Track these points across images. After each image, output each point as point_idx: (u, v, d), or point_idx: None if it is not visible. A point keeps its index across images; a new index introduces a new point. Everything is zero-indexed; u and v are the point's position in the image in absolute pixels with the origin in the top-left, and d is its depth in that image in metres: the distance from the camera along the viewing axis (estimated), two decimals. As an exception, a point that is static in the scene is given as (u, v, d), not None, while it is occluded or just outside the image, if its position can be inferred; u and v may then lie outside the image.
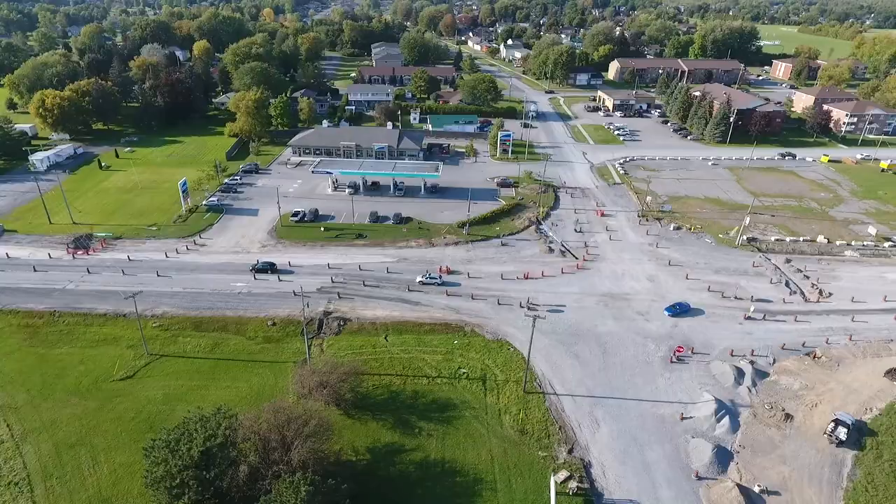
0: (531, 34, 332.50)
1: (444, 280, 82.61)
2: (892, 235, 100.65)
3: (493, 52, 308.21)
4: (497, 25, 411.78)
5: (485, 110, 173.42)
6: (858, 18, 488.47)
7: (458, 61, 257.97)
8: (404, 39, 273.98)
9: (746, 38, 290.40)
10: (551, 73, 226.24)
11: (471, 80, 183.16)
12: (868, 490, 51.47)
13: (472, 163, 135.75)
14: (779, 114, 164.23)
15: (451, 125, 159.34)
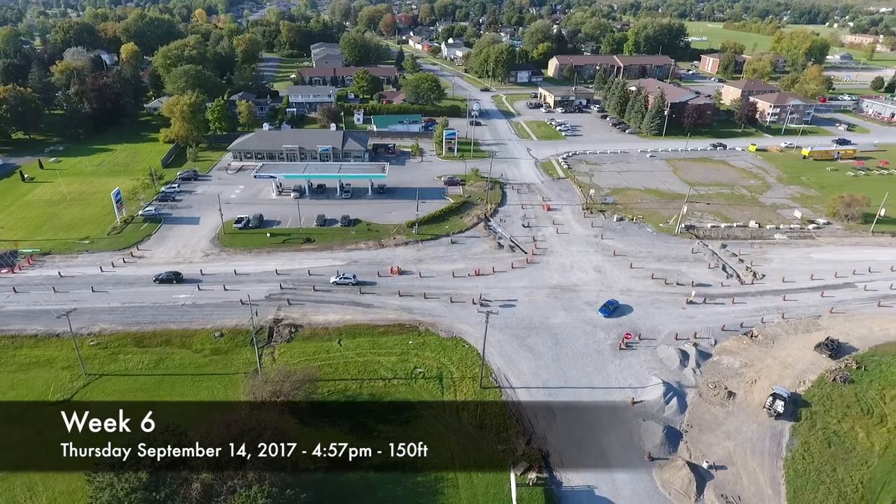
0: (471, 33, 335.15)
1: (359, 280, 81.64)
2: (815, 218, 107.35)
3: (434, 52, 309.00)
4: (437, 24, 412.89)
5: (429, 109, 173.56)
6: (777, 15, 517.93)
7: (399, 61, 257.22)
8: (344, 40, 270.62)
9: (676, 35, 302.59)
10: (492, 71, 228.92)
11: (414, 79, 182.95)
12: (805, 457, 54.77)
13: (419, 162, 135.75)
14: (709, 106, 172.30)
15: (396, 125, 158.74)
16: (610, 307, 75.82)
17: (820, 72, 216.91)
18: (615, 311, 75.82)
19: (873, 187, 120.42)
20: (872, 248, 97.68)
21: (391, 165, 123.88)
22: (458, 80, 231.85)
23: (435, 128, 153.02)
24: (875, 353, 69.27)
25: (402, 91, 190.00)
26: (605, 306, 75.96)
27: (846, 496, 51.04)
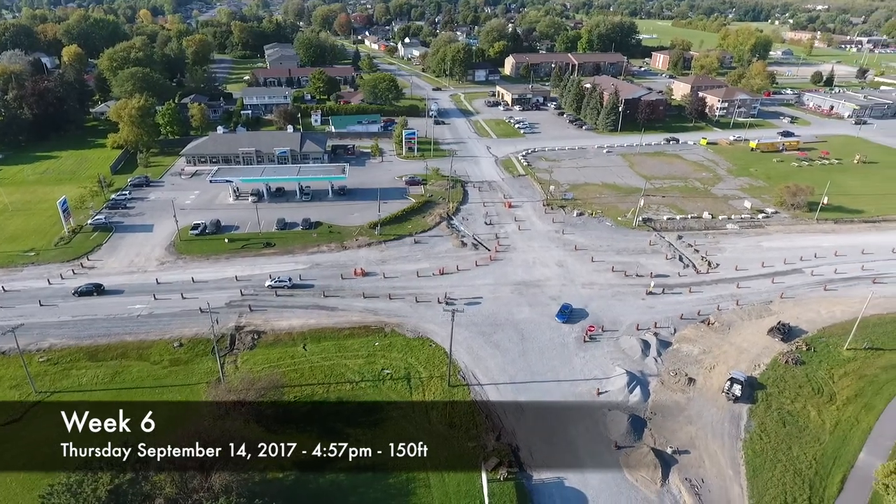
0: (428, 32, 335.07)
1: (295, 283, 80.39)
2: (764, 208, 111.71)
3: (391, 51, 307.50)
4: (393, 24, 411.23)
5: (387, 109, 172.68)
6: (722, 13, 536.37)
7: (356, 61, 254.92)
8: (298, 40, 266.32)
9: (627, 33, 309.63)
10: (450, 70, 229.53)
11: (371, 79, 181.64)
12: (762, 438, 56.96)
13: (379, 162, 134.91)
14: (661, 102, 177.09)
15: (355, 126, 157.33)
16: (566, 311, 74.36)
17: (764, 67, 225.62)
18: (572, 315, 74.50)
19: (816, 177, 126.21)
20: (817, 234, 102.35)
21: (351, 166, 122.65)
22: (416, 80, 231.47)
23: (394, 128, 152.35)
24: (823, 334, 72.63)
25: (359, 91, 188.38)
26: (561, 311, 74.35)
27: (801, 472, 53.32)
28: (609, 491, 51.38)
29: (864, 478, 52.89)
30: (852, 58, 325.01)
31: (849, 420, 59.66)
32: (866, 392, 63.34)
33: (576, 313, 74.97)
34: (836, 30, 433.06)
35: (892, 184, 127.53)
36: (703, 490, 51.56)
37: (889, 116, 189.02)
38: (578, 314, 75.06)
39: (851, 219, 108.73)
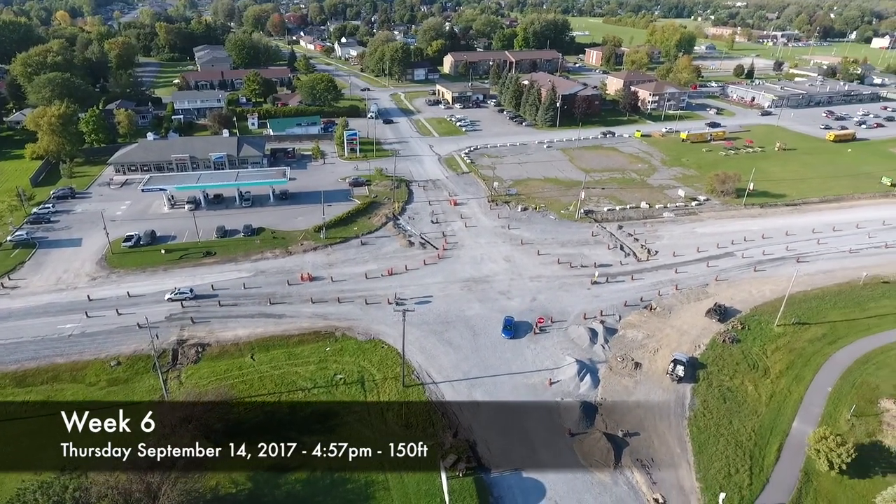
0: (364, 32, 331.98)
1: (197, 294, 77.36)
2: (696, 196, 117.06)
3: (327, 51, 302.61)
4: (329, 24, 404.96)
5: (327, 110, 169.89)
6: (649, 10, 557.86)
7: (292, 62, 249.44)
8: (230, 41, 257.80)
9: (561, 30, 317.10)
10: (389, 69, 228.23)
11: (308, 80, 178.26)
12: (705, 415, 59.71)
13: (321, 165, 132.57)
14: (597, 97, 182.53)
15: (294, 128, 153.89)
16: (510, 326, 71.38)
17: (690, 61, 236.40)
18: (517, 329, 71.82)
19: (742, 164, 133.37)
20: (745, 219, 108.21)
21: (292, 170, 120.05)
22: (355, 80, 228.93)
23: (335, 129, 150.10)
24: (755, 313, 76.89)
25: (297, 93, 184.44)
26: (506, 328, 71.21)
27: (742, 444, 56.26)
28: (565, 478, 52.54)
29: (798, 445, 56.37)
30: (769, 51, 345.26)
31: (782, 392, 63.42)
32: (796, 364, 67.54)
33: (520, 327, 72.46)
34: (754, 25, 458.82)
35: (809, 169, 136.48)
36: (653, 469, 53.54)
37: (804, 106, 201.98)
38: (523, 327, 72.65)
39: (775, 203, 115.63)
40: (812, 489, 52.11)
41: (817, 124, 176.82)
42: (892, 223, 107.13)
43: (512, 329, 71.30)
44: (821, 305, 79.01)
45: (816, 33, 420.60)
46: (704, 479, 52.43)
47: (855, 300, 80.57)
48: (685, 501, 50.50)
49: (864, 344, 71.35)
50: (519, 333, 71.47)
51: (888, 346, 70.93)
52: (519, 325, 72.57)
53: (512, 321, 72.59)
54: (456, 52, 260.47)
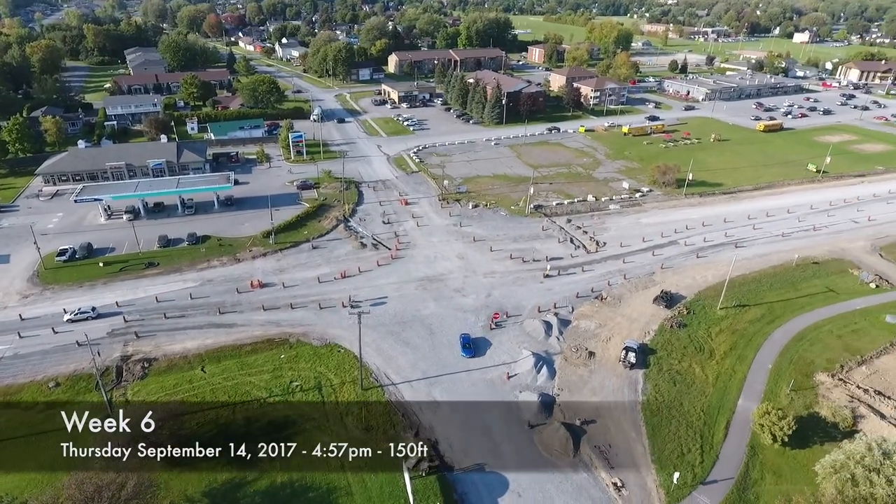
0: (306, 32, 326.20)
1: (99, 313, 73.13)
2: (640, 187, 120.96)
3: (268, 52, 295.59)
4: (268, 24, 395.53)
5: (270, 112, 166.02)
6: (587, 8, 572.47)
7: (231, 63, 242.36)
8: (164, 43, 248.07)
9: (503, 28, 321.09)
10: (333, 69, 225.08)
11: (249, 82, 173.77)
12: (657, 398, 61.81)
13: (267, 168, 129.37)
14: (541, 94, 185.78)
15: (236, 132, 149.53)
16: (468, 345, 68.33)
17: (628, 58, 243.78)
18: (475, 346, 68.90)
19: (681, 156, 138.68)
20: (686, 208, 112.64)
21: (237, 174, 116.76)
22: (299, 81, 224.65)
23: (279, 131, 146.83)
24: (699, 298, 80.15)
25: (238, 95, 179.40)
26: (465, 346, 68.18)
27: (692, 424, 58.57)
28: (527, 469, 53.27)
29: (743, 421, 59.15)
30: (701, 47, 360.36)
31: (727, 372, 66.39)
32: (739, 345, 70.85)
33: (479, 344, 69.53)
34: (685, 22, 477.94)
35: (742, 158, 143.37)
36: (611, 454, 54.99)
37: (735, 98, 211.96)
38: (482, 344, 69.69)
39: (713, 192, 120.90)
40: (758, 462, 54.79)
41: (748, 116, 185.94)
42: (818, 207, 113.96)
43: (471, 347, 68.12)
44: (758, 288, 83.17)
45: (744, 29, 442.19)
46: (659, 460, 54.28)
47: (789, 281, 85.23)
48: (642, 483, 52.14)
49: (798, 322, 75.59)
50: (479, 351, 68.44)
51: (820, 323, 75.41)
52: (478, 343, 69.61)
53: (469, 339, 69.53)
54: (400, 52, 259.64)
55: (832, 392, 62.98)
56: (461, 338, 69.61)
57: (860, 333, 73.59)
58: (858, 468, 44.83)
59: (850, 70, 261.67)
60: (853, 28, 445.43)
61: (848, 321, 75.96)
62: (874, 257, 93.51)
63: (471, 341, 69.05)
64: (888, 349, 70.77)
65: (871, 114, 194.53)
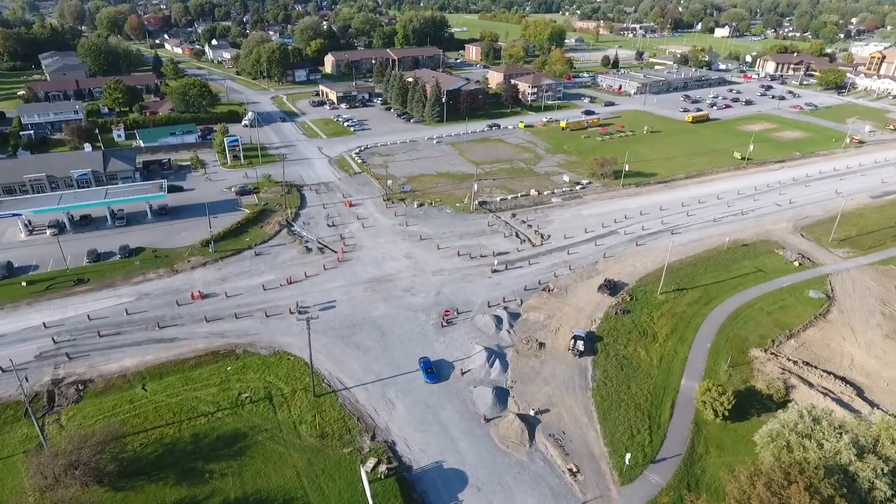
0: (237, 33, 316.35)
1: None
2: (580, 180, 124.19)
3: (198, 55, 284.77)
4: (196, 25, 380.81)
5: (203, 117, 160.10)
6: (521, 6, 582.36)
7: (158, 67, 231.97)
8: (83, 46, 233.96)
9: (439, 27, 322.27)
10: (267, 71, 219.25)
11: (179, 86, 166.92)
12: (606, 383, 63.66)
13: (202, 175, 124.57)
14: (480, 91, 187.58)
15: (167, 138, 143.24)
16: (430, 370, 64.12)
17: (562, 54, 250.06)
18: (438, 369, 64.91)
19: (617, 148, 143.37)
20: (624, 198, 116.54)
21: (171, 182, 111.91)
22: (232, 84, 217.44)
23: (214, 136, 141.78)
24: (640, 284, 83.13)
25: (167, 100, 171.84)
26: (427, 371, 63.92)
27: (640, 406, 60.68)
28: (485, 463, 53.74)
29: (687, 399, 61.81)
30: (630, 42, 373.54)
31: (670, 353, 69.19)
32: (679, 327, 73.96)
33: (441, 367, 65.43)
34: (614, 19, 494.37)
35: (673, 149, 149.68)
36: (565, 441, 56.24)
37: (664, 91, 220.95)
38: (444, 367, 65.55)
39: (648, 181, 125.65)
40: (702, 437, 57.39)
41: (677, 108, 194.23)
42: (745, 192, 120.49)
43: (433, 372, 63.91)
44: (695, 271, 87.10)
45: (668, 25, 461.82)
46: (611, 443, 55.95)
47: (722, 263, 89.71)
48: (596, 467, 53.58)
49: (732, 302, 79.70)
50: (442, 375, 64.26)
51: (751, 302, 79.79)
52: (439, 366, 65.46)
53: (430, 363, 65.42)
54: (337, 52, 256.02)
55: (766, 366, 66.75)
56: (421, 362, 65.40)
57: (787, 309, 78.37)
58: (792, 435, 47.69)
59: (766, 62, 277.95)
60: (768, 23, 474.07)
61: (776, 298, 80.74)
62: (796, 237, 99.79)
63: (432, 365, 65.09)
64: (813, 322, 75.76)
65: (788, 103, 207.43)
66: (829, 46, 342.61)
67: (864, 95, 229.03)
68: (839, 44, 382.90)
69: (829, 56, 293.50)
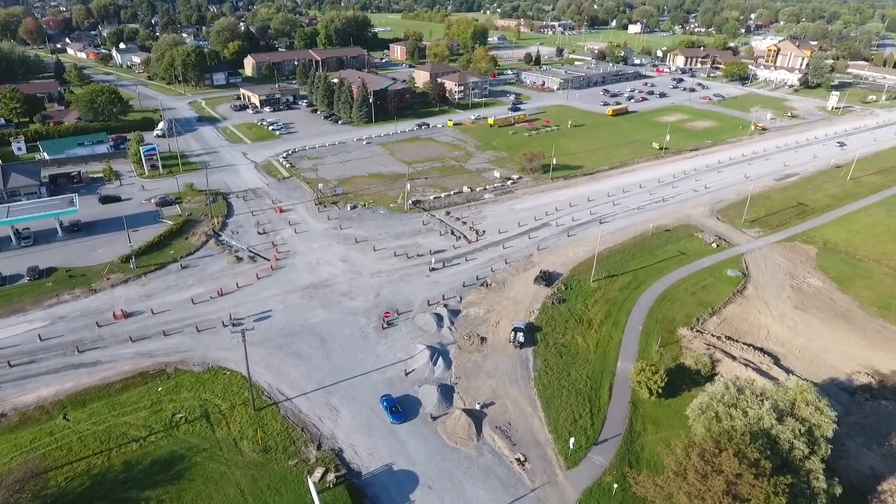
0: (146, 35, 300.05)
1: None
2: (510, 175, 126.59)
3: (104, 59, 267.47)
4: (100, 28, 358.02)
5: (115, 125, 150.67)
6: (443, 5, 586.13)
7: (60, 73, 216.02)
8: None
9: (362, 27, 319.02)
10: (183, 75, 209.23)
11: (86, 93, 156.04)
12: (547, 372, 65.30)
13: (118, 187, 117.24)
14: (407, 90, 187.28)
15: (76, 149, 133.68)
16: (393, 409, 58.55)
17: (486, 52, 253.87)
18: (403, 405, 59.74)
19: (544, 143, 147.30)
20: (554, 191, 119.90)
21: (82, 196, 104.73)
22: (145, 90, 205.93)
23: (128, 145, 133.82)
24: (574, 273, 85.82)
25: (73, 108, 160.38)
26: (392, 411, 58.30)
27: (580, 391, 62.66)
28: (434, 461, 53.81)
29: (623, 381, 64.44)
30: (551, 40, 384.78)
31: (605, 338, 71.87)
32: (612, 312, 76.96)
33: (408, 405, 60.14)
34: (534, 16, 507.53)
35: (597, 141, 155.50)
36: (511, 432, 57.22)
37: (584, 87, 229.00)
38: (410, 404, 60.35)
39: (575, 174, 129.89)
40: (639, 416, 60.01)
41: (597, 102, 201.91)
42: (665, 180, 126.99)
43: (399, 411, 58.36)
44: (623, 258, 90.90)
45: (585, 22, 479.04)
46: (555, 429, 57.45)
47: (647, 249, 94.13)
48: (542, 454, 54.87)
49: (659, 285, 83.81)
50: (409, 413, 58.96)
51: (676, 283, 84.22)
52: (405, 403, 60.09)
53: (394, 401, 59.64)
54: (257, 54, 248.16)
55: (693, 343, 70.65)
56: (384, 401, 59.62)
57: (709, 288, 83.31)
58: (720, 406, 50.69)
59: (676, 57, 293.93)
60: (675, 19, 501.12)
61: (698, 279, 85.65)
62: (713, 220, 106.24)
63: (396, 403, 59.37)
64: (732, 299, 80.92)
65: (698, 95, 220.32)
66: (731, 41, 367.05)
67: (764, 86, 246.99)
68: (740, 38, 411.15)
69: (733, 50, 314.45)
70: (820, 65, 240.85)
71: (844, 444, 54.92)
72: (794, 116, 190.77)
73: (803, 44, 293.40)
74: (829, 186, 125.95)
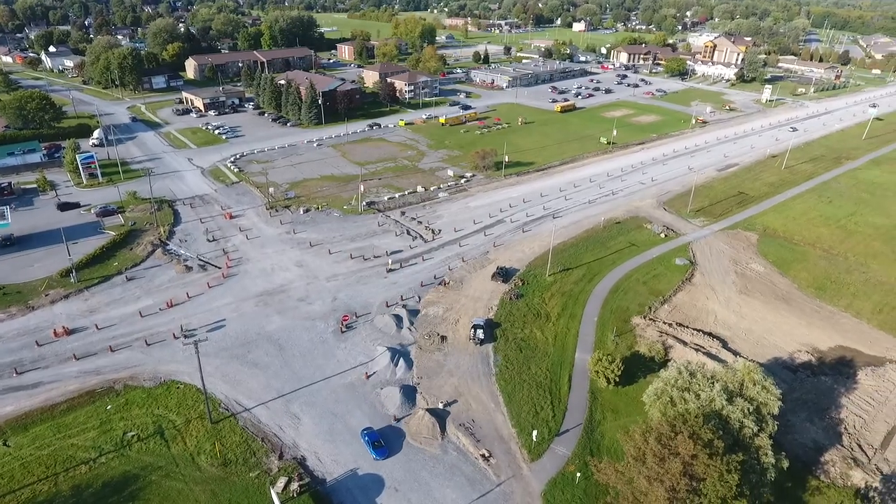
0: (79, 38, 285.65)
1: None
2: (463, 173, 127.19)
3: (33, 64, 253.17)
4: (27, 30, 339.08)
5: (48, 133, 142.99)
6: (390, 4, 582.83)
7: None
8: None
9: (308, 27, 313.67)
10: (120, 79, 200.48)
11: (14, 99, 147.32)
12: (508, 367, 66.01)
13: (53, 198, 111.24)
14: (356, 91, 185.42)
15: (5, 158, 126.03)
16: (377, 444, 54.33)
17: (434, 51, 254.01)
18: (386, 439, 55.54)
19: (496, 140, 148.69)
20: (507, 188, 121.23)
21: (14, 210, 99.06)
22: (79, 95, 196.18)
23: (63, 153, 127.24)
24: (530, 268, 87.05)
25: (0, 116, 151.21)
26: (374, 446, 54.05)
27: (541, 384, 63.65)
28: (400, 463, 53.54)
29: (582, 371, 65.84)
30: (498, 38, 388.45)
31: (563, 331, 73.23)
32: (568, 305, 78.49)
33: (390, 438, 56.05)
34: (481, 15, 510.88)
35: (547, 137, 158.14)
36: (475, 428, 57.56)
37: (533, 84, 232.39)
38: (393, 437, 56.29)
39: (527, 170, 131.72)
40: (599, 405, 61.45)
41: (546, 99, 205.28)
42: (614, 174, 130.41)
43: (382, 446, 54.20)
44: (577, 251, 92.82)
45: (531, 20, 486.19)
46: (518, 423, 58.15)
47: (600, 241, 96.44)
48: (506, 448, 55.44)
49: (612, 276, 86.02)
50: (394, 447, 54.95)
51: (628, 274, 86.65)
52: (387, 436, 56.10)
53: (376, 435, 55.36)
54: (198, 56, 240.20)
55: (646, 331, 72.85)
56: (365, 435, 55.48)
57: (659, 277, 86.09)
58: (674, 391, 52.50)
59: (620, 53, 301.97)
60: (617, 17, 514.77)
61: (649, 269, 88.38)
62: (660, 211, 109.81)
63: (379, 437, 55.23)
64: (681, 287, 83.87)
65: (641, 90, 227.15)
66: (670, 37, 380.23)
67: (702, 80, 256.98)
68: (679, 35, 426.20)
69: (672, 46, 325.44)
70: (754, 59, 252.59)
71: (789, 420, 57.89)
72: (732, 109, 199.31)
73: (738, 39, 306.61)
74: (767, 175, 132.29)
